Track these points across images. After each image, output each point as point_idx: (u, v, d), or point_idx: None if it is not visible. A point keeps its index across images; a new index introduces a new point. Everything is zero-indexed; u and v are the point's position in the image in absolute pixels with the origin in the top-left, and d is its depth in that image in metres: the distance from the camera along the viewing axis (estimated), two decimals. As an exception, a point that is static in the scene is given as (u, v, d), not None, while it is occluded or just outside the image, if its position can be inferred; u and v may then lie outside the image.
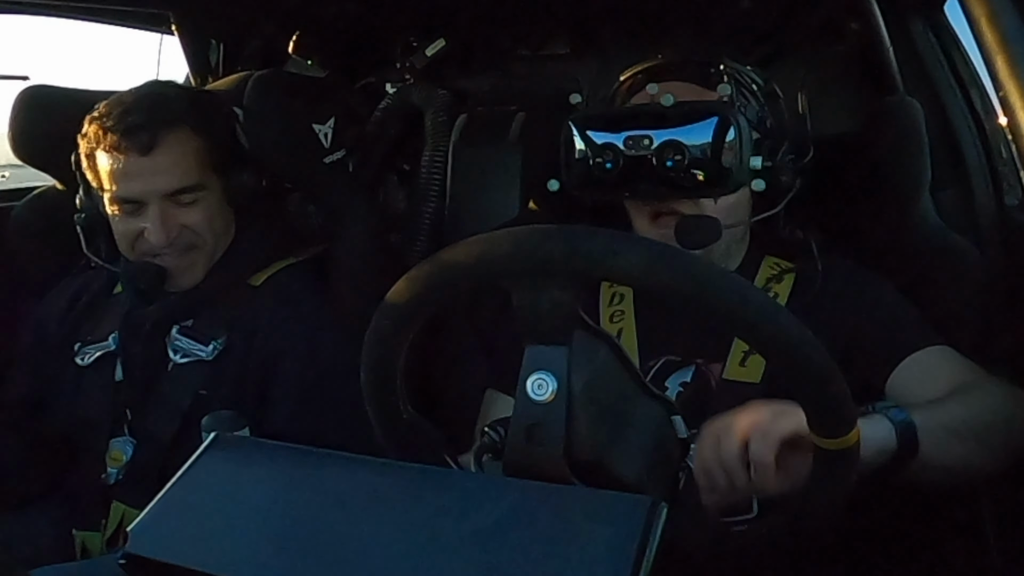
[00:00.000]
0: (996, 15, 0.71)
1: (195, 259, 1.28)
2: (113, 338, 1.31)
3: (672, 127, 1.04)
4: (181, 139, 1.24)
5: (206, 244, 1.28)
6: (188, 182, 1.24)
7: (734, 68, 1.15)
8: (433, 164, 1.71)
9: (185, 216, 1.25)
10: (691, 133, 1.04)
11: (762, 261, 1.18)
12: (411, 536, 0.61)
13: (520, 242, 0.70)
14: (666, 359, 1.10)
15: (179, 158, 1.23)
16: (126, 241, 1.26)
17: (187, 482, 0.68)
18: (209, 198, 1.27)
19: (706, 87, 1.12)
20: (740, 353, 1.07)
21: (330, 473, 0.69)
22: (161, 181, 1.22)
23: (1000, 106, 1.24)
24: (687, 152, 1.03)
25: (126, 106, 1.24)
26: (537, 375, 0.70)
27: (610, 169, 1.07)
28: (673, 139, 1.04)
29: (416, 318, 0.74)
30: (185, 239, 1.26)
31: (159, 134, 1.21)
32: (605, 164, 1.07)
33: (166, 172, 1.22)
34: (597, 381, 0.72)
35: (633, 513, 0.59)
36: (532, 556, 0.58)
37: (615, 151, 1.07)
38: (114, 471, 1.27)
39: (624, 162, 1.06)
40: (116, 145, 1.21)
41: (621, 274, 0.69)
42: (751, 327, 0.68)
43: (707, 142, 1.03)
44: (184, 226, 1.25)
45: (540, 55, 1.78)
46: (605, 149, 1.07)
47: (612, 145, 1.07)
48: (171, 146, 1.22)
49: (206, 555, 0.61)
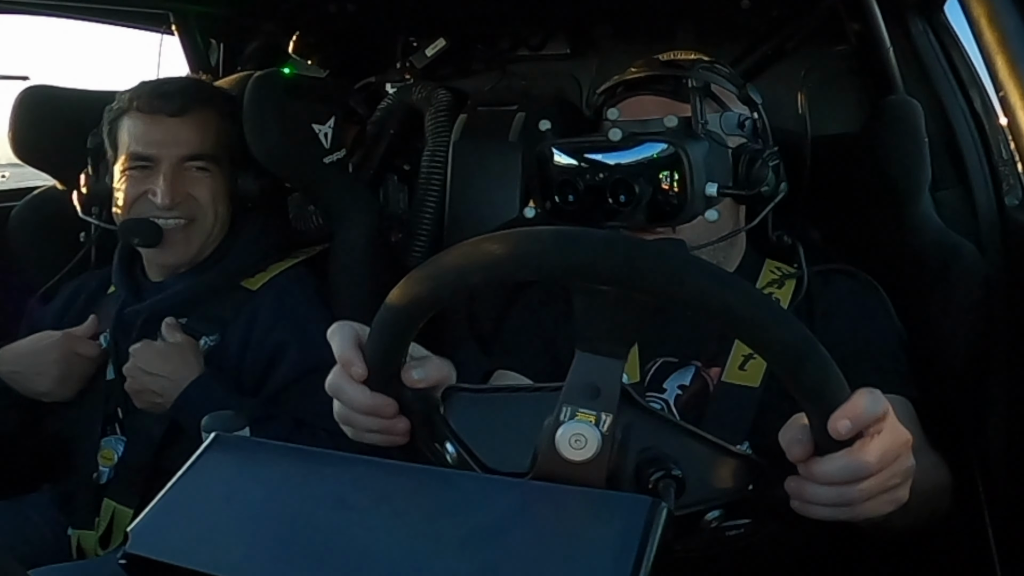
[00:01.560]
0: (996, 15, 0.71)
1: (190, 234, 1.31)
2: (104, 337, 1.32)
3: (622, 163, 1.04)
4: (209, 116, 1.33)
5: (205, 220, 1.31)
6: (205, 150, 1.31)
7: (706, 78, 1.13)
8: (433, 164, 1.71)
9: (193, 185, 1.30)
10: (639, 168, 1.03)
11: (763, 265, 1.18)
12: (411, 536, 0.61)
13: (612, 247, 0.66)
14: (664, 360, 1.10)
15: (203, 128, 1.32)
16: (127, 201, 1.30)
17: (187, 482, 0.68)
18: (217, 177, 1.33)
19: (677, 100, 1.10)
20: (740, 357, 1.06)
21: (330, 473, 0.69)
22: (182, 143, 1.29)
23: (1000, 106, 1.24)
24: (635, 188, 1.03)
25: (161, 80, 1.35)
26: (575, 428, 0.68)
27: (572, 201, 1.07)
28: (622, 177, 1.04)
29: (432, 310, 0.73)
30: (187, 208, 1.30)
31: (191, 104, 1.31)
32: (567, 196, 1.08)
33: (188, 137, 1.30)
34: None
35: (633, 513, 0.59)
36: (532, 556, 0.58)
37: (573, 185, 1.07)
38: (106, 470, 1.28)
39: (584, 195, 1.07)
40: (148, 105, 1.29)
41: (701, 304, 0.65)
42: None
43: (656, 177, 1.03)
44: (189, 195, 1.29)
45: (540, 55, 1.78)
46: (565, 183, 1.08)
47: (570, 180, 1.07)
48: (198, 118, 1.31)
49: (206, 555, 0.61)
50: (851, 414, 0.64)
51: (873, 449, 0.65)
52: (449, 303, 0.71)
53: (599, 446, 0.67)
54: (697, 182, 1.02)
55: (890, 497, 0.69)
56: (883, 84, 1.39)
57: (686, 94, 1.09)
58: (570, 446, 0.68)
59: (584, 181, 1.06)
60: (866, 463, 0.65)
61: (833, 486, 0.66)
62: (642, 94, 1.14)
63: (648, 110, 1.09)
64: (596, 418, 0.68)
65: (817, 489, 0.67)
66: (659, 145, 1.03)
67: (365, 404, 0.77)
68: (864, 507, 0.68)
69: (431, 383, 0.78)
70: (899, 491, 0.69)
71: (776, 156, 1.13)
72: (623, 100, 1.15)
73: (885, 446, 0.66)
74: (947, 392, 1.12)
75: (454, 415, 0.79)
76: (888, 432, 0.66)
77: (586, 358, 0.69)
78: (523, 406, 0.71)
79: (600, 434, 0.67)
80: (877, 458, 0.65)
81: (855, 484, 0.66)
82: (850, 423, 0.64)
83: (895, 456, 0.67)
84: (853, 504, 0.67)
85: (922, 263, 1.20)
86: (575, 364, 0.69)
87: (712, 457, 0.73)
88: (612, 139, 1.03)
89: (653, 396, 1.07)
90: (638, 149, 1.04)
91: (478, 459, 0.76)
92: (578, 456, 0.67)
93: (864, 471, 0.65)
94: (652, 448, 0.71)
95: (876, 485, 0.66)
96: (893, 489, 0.68)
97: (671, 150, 1.02)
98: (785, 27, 1.55)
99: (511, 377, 1.12)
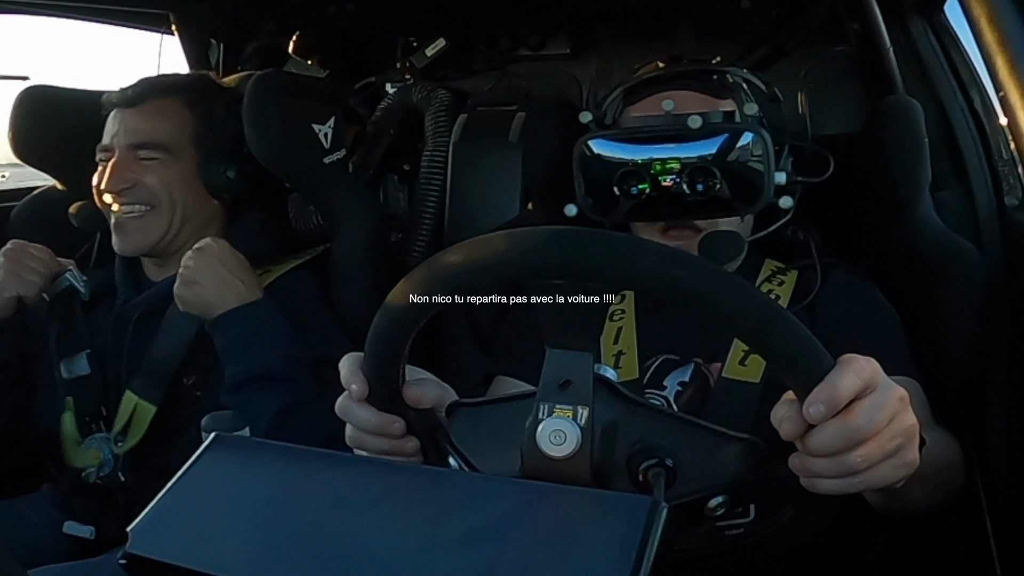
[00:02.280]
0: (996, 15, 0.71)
1: (149, 222, 1.31)
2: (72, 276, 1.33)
3: (700, 149, 1.02)
4: (167, 106, 1.34)
5: (161, 207, 1.31)
6: (152, 139, 1.31)
7: (740, 75, 1.14)
8: (433, 164, 1.71)
9: (142, 173, 1.31)
10: (720, 155, 1.02)
11: (763, 264, 1.18)
12: (411, 536, 0.61)
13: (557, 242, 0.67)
14: (664, 358, 1.10)
15: (155, 118, 1.32)
16: (97, 191, 1.32)
17: (187, 482, 0.68)
18: (174, 166, 1.32)
19: (714, 96, 1.10)
20: (740, 352, 1.07)
21: (330, 473, 0.69)
22: (131, 132, 1.31)
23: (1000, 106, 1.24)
24: (718, 175, 1.02)
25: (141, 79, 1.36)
26: (554, 425, 0.68)
27: (635, 194, 1.04)
28: (703, 164, 1.02)
29: (427, 312, 0.74)
30: (137, 194, 1.30)
31: (149, 96, 1.33)
32: (630, 189, 1.05)
33: (138, 126, 1.31)
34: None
35: (633, 513, 0.59)
36: (532, 556, 0.58)
37: (640, 175, 1.04)
38: (93, 469, 1.28)
39: (651, 187, 1.04)
40: (111, 101, 1.34)
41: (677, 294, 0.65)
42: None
43: (737, 164, 1.02)
44: (140, 182, 1.30)
45: (540, 55, 1.78)
46: (629, 174, 1.04)
47: (636, 170, 1.04)
48: (155, 108, 1.32)
49: (206, 555, 0.61)
50: (825, 396, 0.62)
51: (863, 411, 0.63)
52: (423, 320, 0.72)
53: (579, 440, 0.68)
54: (771, 168, 1.03)
55: (899, 460, 0.66)
56: (883, 84, 1.39)
57: (723, 90, 1.09)
58: (551, 443, 0.68)
59: (649, 173, 1.04)
60: (857, 426, 0.63)
61: (832, 456, 0.64)
62: (671, 90, 1.11)
63: (690, 104, 1.07)
64: (573, 412, 0.68)
65: (818, 462, 0.66)
66: (737, 132, 1.02)
67: (372, 423, 0.78)
68: (872, 474, 0.65)
69: (431, 402, 0.80)
70: (906, 453, 0.66)
71: (793, 154, 1.14)
72: (647, 97, 1.12)
73: (876, 406, 0.64)
74: (947, 392, 1.12)
75: (457, 431, 0.80)
76: (880, 392, 0.64)
77: (556, 354, 0.70)
78: (522, 413, 0.71)
79: (579, 428, 0.68)
80: (868, 419, 0.63)
81: (853, 450, 0.64)
82: (824, 407, 0.62)
83: (890, 415, 0.65)
84: (858, 471, 0.65)
85: (922, 263, 1.20)
86: (547, 361, 0.70)
87: (710, 443, 0.73)
88: (692, 127, 1.02)
89: (653, 393, 1.08)
90: (716, 139, 1.02)
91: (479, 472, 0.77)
92: (559, 452, 0.68)
93: (858, 435, 0.63)
94: (643, 439, 0.72)
95: (877, 448, 0.64)
96: (899, 452, 0.66)
97: (753, 137, 1.02)
98: (785, 27, 1.55)
99: (511, 383, 1.12)
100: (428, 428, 0.81)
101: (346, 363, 0.78)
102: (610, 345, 1.12)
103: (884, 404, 0.64)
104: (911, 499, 0.87)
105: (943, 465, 0.93)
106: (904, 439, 0.66)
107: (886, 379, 0.66)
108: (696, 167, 1.02)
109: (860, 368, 0.63)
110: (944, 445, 0.96)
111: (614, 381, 0.73)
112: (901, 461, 0.66)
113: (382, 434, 0.79)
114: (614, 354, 1.11)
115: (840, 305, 1.09)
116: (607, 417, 0.71)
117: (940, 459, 0.90)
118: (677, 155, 1.03)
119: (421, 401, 0.79)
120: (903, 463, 0.67)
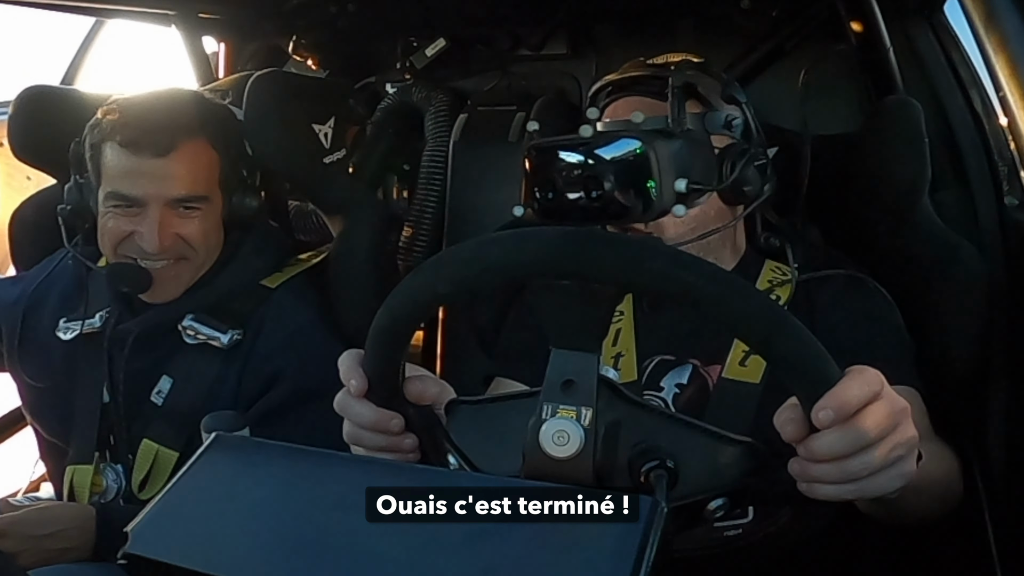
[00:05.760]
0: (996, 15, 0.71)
1: (181, 271, 1.25)
2: (100, 316, 1.28)
3: (593, 159, 1.05)
4: (198, 149, 1.22)
5: (196, 258, 1.25)
6: (197, 192, 1.22)
7: (688, 78, 1.13)
8: (433, 164, 1.71)
9: (183, 226, 1.22)
10: (609, 164, 1.04)
11: (763, 265, 1.18)
12: (411, 536, 0.61)
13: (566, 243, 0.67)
14: (660, 358, 1.10)
15: (193, 167, 1.21)
16: (112, 240, 1.22)
17: (187, 482, 0.68)
18: (210, 214, 1.25)
19: (660, 100, 1.11)
20: (741, 353, 1.07)
21: (330, 473, 0.69)
22: (171, 186, 1.20)
23: (1000, 106, 1.24)
24: (605, 184, 1.03)
25: (147, 106, 1.23)
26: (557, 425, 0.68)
27: (551, 199, 1.08)
28: (593, 173, 1.04)
29: (430, 309, 0.74)
30: (177, 249, 1.22)
31: (178, 139, 1.20)
32: (548, 193, 1.08)
33: (178, 178, 1.20)
34: None
35: (633, 513, 0.59)
36: (532, 556, 0.58)
37: (553, 182, 1.08)
38: (96, 497, 1.26)
39: (560, 192, 1.07)
40: (132, 142, 1.18)
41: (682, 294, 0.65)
42: None
43: (624, 172, 1.03)
44: (179, 236, 1.22)
45: (540, 55, 1.78)
46: (545, 181, 1.08)
47: (549, 177, 1.08)
48: (187, 154, 1.21)
49: (206, 555, 0.61)
50: (835, 403, 0.63)
51: (869, 418, 0.64)
52: (426, 318, 0.73)
53: (582, 441, 0.68)
54: (665, 178, 1.03)
55: (897, 471, 0.67)
56: (883, 84, 1.39)
57: (665, 94, 1.10)
58: (554, 443, 0.68)
59: (562, 178, 1.07)
60: (863, 432, 0.64)
61: (833, 462, 0.65)
62: (627, 96, 1.16)
63: (630, 110, 1.08)
64: (576, 413, 0.69)
65: (818, 467, 0.66)
66: (630, 142, 1.03)
67: (370, 419, 0.78)
68: (871, 482, 0.66)
69: (431, 398, 0.80)
70: (905, 464, 0.67)
71: (763, 156, 1.13)
72: (611, 102, 1.17)
73: (882, 415, 0.65)
74: (947, 392, 1.12)
75: (456, 428, 0.80)
76: (885, 402, 0.65)
77: (560, 355, 0.70)
78: (523, 412, 0.71)
79: (582, 429, 0.68)
80: (873, 427, 0.64)
81: (855, 456, 0.65)
82: (833, 413, 0.63)
83: (893, 425, 0.66)
84: (858, 478, 0.66)
85: (922, 263, 1.20)
86: (551, 362, 0.70)
87: (710, 445, 0.73)
88: (583, 135, 1.05)
89: (651, 395, 1.08)
90: (610, 146, 1.04)
91: (480, 471, 0.77)
92: (563, 452, 0.68)
93: (862, 441, 0.64)
94: (644, 441, 0.72)
95: (879, 457, 0.65)
96: (898, 462, 0.67)
97: (637, 146, 1.03)
98: (785, 27, 1.55)
99: (510, 385, 1.13)
100: (427, 426, 0.80)
101: (346, 359, 0.78)
102: (609, 347, 1.12)
103: (888, 414, 0.65)
104: (905, 510, 0.88)
105: (939, 478, 0.93)
106: (904, 450, 0.67)
107: (890, 390, 0.67)
108: (588, 176, 1.05)
109: (870, 379, 0.65)
110: (941, 458, 0.97)
111: (617, 382, 0.73)
112: (899, 471, 0.67)
113: (380, 430, 0.78)
114: (613, 356, 1.11)
115: (841, 311, 1.09)
116: (610, 418, 0.71)
117: (936, 472, 0.90)
118: (575, 161, 1.06)
119: (422, 397, 0.79)
120: (900, 473, 0.67)
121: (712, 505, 0.72)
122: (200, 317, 1.26)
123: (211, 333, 1.26)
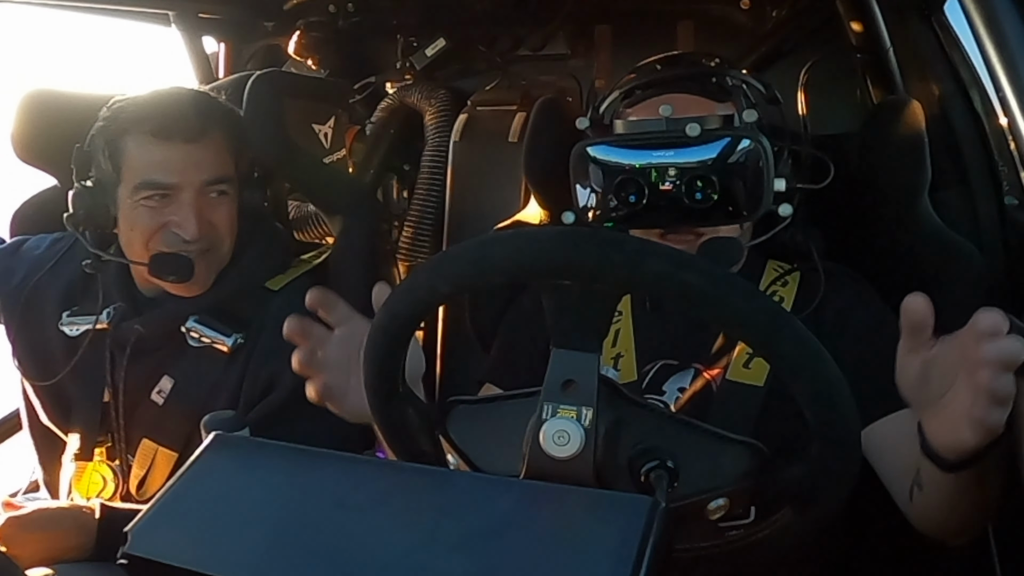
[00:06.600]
0: (996, 15, 0.71)
1: (208, 263, 1.25)
2: (108, 313, 1.27)
3: (699, 155, 1.00)
4: (223, 136, 1.25)
5: (220, 249, 1.25)
6: (225, 173, 1.24)
7: (739, 78, 1.11)
8: (433, 164, 1.71)
9: (213, 212, 1.23)
10: (719, 161, 1.00)
11: (765, 265, 1.17)
12: (411, 536, 0.61)
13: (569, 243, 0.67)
14: (662, 363, 1.09)
15: (221, 150, 1.24)
16: (145, 234, 1.21)
17: (187, 482, 0.68)
18: (233, 199, 1.26)
19: (713, 100, 1.07)
20: (744, 355, 1.05)
21: (330, 473, 0.69)
22: (203, 169, 1.21)
23: (1000, 106, 1.24)
24: (716, 182, 1.00)
25: (169, 97, 1.25)
26: (557, 425, 0.68)
27: (633, 202, 1.03)
28: (701, 172, 1.00)
29: (429, 310, 0.74)
30: (209, 238, 1.23)
31: (208, 126, 1.23)
32: (628, 196, 1.03)
33: (208, 162, 1.22)
34: None
35: (633, 513, 0.59)
36: (532, 556, 0.58)
37: (638, 183, 1.02)
38: (95, 495, 1.26)
39: (648, 194, 1.02)
40: (162, 129, 1.19)
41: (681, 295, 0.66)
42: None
43: (736, 171, 1.00)
44: (211, 223, 1.23)
45: (540, 55, 1.79)
46: (627, 181, 1.03)
47: (634, 176, 1.02)
48: (215, 139, 1.23)
49: (206, 555, 0.61)
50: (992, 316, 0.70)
51: None
52: (427, 316, 0.73)
53: (583, 441, 0.68)
54: (770, 176, 1.01)
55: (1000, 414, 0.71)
56: (883, 84, 1.39)
57: (721, 93, 1.07)
58: (554, 443, 0.68)
59: (647, 180, 1.02)
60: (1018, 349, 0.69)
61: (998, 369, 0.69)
62: (671, 93, 1.08)
63: (688, 108, 1.05)
64: (577, 413, 0.69)
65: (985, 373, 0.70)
66: (735, 139, 1.00)
67: None
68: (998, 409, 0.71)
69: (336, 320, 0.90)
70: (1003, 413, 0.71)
71: (793, 157, 1.13)
72: (645, 100, 1.10)
73: None
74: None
75: (456, 428, 0.80)
76: None
77: (561, 355, 0.70)
78: (521, 412, 0.72)
79: (582, 429, 0.68)
80: None
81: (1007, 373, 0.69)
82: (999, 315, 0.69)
83: None
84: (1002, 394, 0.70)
85: (922, 263, 1.20)
86: (551, 361, 0.70)
87: (711, 446, 0.73)
88: (690, 134, 1.00)
89: (652, 398, 1.07)
90: (715, 145, 1.01)
91: (480, 471, 0.77)
92: (563, 452, 0.68)
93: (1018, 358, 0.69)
94: (645, 441, 0.72)
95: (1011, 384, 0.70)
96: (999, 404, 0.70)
97: (751, 145, 1.00)
98: (785, 27, 1.55)
99: None
100: (427, 426, 0.81)
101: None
102: (608, 347, 1.11)
103: None
104: (964, 501, 0.87)
105: (994, 482, 0.88)
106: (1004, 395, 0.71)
107: None
108: (695, 174, 1.01)
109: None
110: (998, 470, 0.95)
111: (617, 383, 0.73)
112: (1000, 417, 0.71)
113: None
114: (612, 356, 1.10)
115: (853, 318, 1.07)
116: (610, 418, 0.71)
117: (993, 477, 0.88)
118: (675, 161, 1.01)
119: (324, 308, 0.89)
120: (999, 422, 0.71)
121: (713, 505, 0.72)
122: (204, 319, 1.26)
123: (215, 336, 1.25)
